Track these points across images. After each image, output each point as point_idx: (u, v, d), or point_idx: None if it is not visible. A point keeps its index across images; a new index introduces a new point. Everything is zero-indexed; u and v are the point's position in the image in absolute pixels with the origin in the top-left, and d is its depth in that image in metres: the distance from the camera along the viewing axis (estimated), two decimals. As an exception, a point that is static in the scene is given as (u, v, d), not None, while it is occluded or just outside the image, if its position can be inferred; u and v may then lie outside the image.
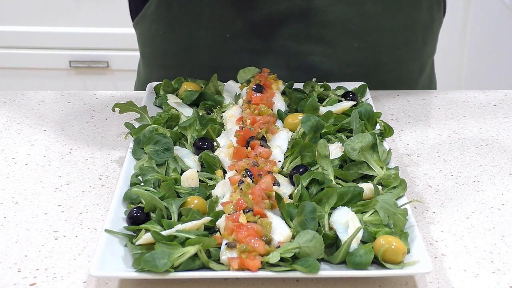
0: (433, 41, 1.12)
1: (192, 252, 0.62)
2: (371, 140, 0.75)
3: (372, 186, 0.72)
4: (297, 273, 0.61)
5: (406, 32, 1.05)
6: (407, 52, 1.06)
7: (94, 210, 0.75)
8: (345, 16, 1.00)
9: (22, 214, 0.75)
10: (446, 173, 0.82)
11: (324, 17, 0.99)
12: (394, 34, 1.04)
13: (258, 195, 0.67)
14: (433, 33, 1.11)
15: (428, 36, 1.09)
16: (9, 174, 0.82)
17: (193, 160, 0.78)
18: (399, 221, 0.67)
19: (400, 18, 1.03)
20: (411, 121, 0.95)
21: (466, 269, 0.66)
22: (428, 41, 1.10)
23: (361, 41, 1.02)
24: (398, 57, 1.05)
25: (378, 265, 0.63)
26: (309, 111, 0.85)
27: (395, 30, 1.04)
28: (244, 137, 0.78)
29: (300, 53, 1.01)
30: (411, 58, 1.08)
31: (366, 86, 0.95)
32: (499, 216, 0.74)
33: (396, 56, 1.05)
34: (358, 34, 1.01)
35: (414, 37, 1.07)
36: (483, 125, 0.94)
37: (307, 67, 1.02)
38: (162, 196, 0.71)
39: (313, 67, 1.01)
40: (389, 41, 1.04)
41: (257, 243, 0.62)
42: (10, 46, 2.33)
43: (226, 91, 0.94)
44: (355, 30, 1.01)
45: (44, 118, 0.96)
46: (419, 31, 1.07)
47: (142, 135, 0.81)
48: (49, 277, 0.65)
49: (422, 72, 1.11)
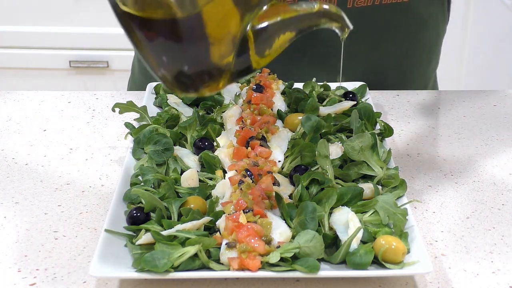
0: (437, 55, 1.12)
1: (192, 252, 0.62)
2: (371, 140, 0.75)
3: (372, 186, 0.72)
4: (297, 273, 0.61)
5: (412, 54, 1.05)
6: (412, 72, 1.07)
7: (94, 210, 0.75)
8: (350, 43, 0.99)
9: (22, 214, 0.75)
10: (446, 173, 0.82)
11: (328, 43, 0.99)
12: (400, 58, 1.04)
13: (258, 195, 0.67)
14: (438, 49, 1.11)
15: (433, 54, 1.10)
16: (9, 174, 0.82)
17: (193, 160, 0.78)
18: (399, 221, 0.67)
19: (407, 42, 1.04)
20: (411, 121, 0.95)
21: (466, 269, 0.66)
22: (433, 58, 1.10)
23: (366, 66, 1.02)
24: (403, 78, 1.05)
25: (378, 265, 0.63)
26: (309, 111, 0.85)
27: (402, 55, 1.04)
28: (244, 137, 0.78)
29: (300, 78, 0.99)
30: (416, 77, 1.08)
31: (366, 86, 0.95)
32: (499, 216, 0.74)
33: (401, 77, 1.05)
34: (363, 60, 1.01)
35: (420, 58, 1.07)
36: (483, 125, 0.94)
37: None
38: (162, 196, 0.71)
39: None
40: (394, 65, 1.04)
41: (257, 243, 0.62)
42: (10, 46, 2.33)
43: (226, 91, 0.94)
44: (361, 56, 1.01)
45: (44, 118, 0.96)
46: (424, 52, 1.07)
47: (142, 135, 0.81)
48: (49, 277, 0.65)
49: (426, 87, 1.11)
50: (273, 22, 0.61)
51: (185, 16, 0.57)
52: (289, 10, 0.61)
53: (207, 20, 0.58)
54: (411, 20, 1.02)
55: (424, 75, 1.10)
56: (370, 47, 1.02)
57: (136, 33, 0.59)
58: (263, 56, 0.62)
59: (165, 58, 0.60)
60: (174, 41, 0.59)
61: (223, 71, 0.61)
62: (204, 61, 0.60)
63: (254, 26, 0.60)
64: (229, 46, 0.59)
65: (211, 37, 0.59)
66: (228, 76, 0.61)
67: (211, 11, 0.57)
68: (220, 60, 0.60)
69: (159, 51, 0.60)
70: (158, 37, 0.59)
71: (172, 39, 0.59)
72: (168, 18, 0.57)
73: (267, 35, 0.61)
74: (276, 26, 0.61)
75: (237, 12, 0.59)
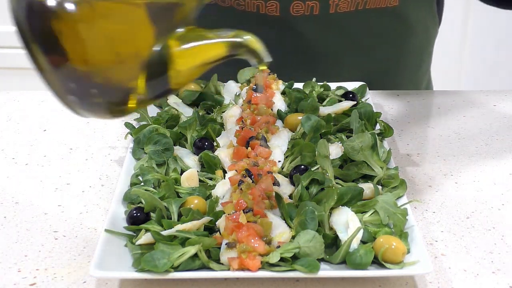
0: (428, 58, 1.11)
1: (192, 252, 0.62)
2: (371, 140, 0.75)
3: (372, 186, 0.72)
4: (297, 273, 0.61)
5: (400, 59, 1.04)
6: (401, 76, 1.06)
7: (94, 210, 0.75)
8: (337, 48, 0.99)
9: (22, 214, 0.75)
10: (446, 173, 0.82)
11: (316, 49, 0.98)
12: (388, 63, 1.04)
13: (258, 195, 0.67)
14: (428, 50, 1.10)
15: (423, 57, 1.09)
16: (9, 174, 0.82)
17: (193, 160, 0.78)
18: (399, 221, 0.67)
19: (393, 47, 1.03)
20: (411, 121, 0.95)
21: (466, 269, 0.66)
22: (423, 61, 1.10)
23: (352, 71, 1.01)
24: (391, 82, 1.04)
25: (378, 265, 0.63)
26: (309, 111, 0.85)
27: (390, 60, 1.03)
28: (244, 137, 0.78)
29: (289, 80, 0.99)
30: (406, 82, 1.07)
31: (366, 86, 0.95)
32: (499, 216, 0.74)
33: (390, 82, 1.04)
34: (350, 66, 1.01)
35: (409, 62, 1.06)
36: (483, 125, 0.94)
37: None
38: (162, 196, 0.71)
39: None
40: (382, 70, 1.03)
41: (257, 243, 0.62)
42: (10, 46, 2.33)
43: (226, 91, 0.94)
44: (347, 61, 1.01)
45: (44, 118, 0.96)
46: (414, 56, 1.06)
47: (142, 135, 0.81)
48: (49, 277, 0.65)
49: (417, 88, 1.10)
50: (191, 46, 0.56)
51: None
52: (205, 37, 0.57)
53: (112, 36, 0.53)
54: (398, 24, 1.01)
55: (414, 79, 1.09)
56: (356, 52, 1.01)
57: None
58: (182, 77, 0.58)
59: (73, 84, 0.55)
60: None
61: (128, 93, 0.56)
62: (104, 82, 0.55)
63: (172, 47, 0.56)
64: (137, 66, 0.55)
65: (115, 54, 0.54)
66: (140, 98, 0.57)
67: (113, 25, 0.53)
68: (125, 82, 0.55)
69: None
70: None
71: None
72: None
73: (186, 57, 0.57)
74: (195, 50, 0.57)
75: (151, 30, 0.55)
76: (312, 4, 0.93)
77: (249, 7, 0.93)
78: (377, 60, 1.03)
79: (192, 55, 0.57)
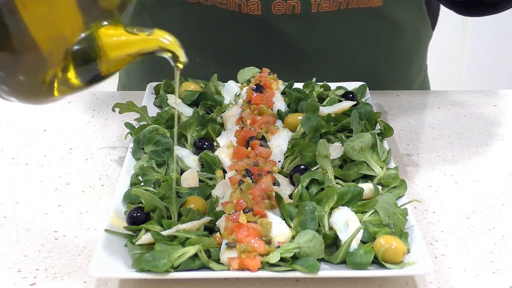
0: (421, 58, 1.10)
1: (192, 252, 0.62)
2: (371, 140, 0.75)
3: (372, 186, 0.72)
4: (297, 273, 0.61)
5: (387, 59, 1.03)
6: (389, 77, 1.05)
7: (94, 210, 0.75)
8: (320, 47, 0.99)
9: (22, 214, 0.75)
10: (446, 173, 0.82)
11: (299, 49, 0.98)
12: (374, 63, 1.03)
13: (258, 195, 0.67)
14: (421, 51, 1.09)
15: (415, 57, 1.08)
16: (9, 174, 0.82)
17: (193, 160, 0.78)
18: (399, 221, 0.67)
19: (379, 47, 1.02)
20: (411, 121, 0.95)
21: (466, 269, 0.66)
22: (414, 61, 1.09)
23: (337, 71, 1.00)
24: (378, 83, 1.02)
25: (378, 265, 0.63)
26: (309, 111, 0.85)
27: (374, 59, 1.02)
28: (244, 137, 0.78)
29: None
30: (394, 81, 1.06)
31: (366, 86, 0.95)
32: (499, 216, 0.74)
33: (376, 82, 1.02)
34: (334, 65, 1.00)
35: (398, 63, 1.05)
36: (483, 125, 0.94)
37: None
38: (162, 196, 0.71)
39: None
40: (367, 70, 1.02)
41: (257, 243, 0.62)
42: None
43: (226, 91, 0.94)
44: (330, 61, 1.00)
45: (44, 118, 0.96)
46: (402, 56, 1.05)
47: (142, 135, 0.81)
48: (49, 277, 0.65)
49: (409, 89, 1.09)
50: (118, 38, 0.58)
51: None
52: (125, 34, 0.58)
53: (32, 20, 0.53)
54: (383, 25, 0.99)
55: (405, 80, 1.08)
56: (340, 52, 1.00)
57: None
58: (111, 65, 0.59)
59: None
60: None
61: (54, 77, 0.56)
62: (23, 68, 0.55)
63: (101, 37, 0.57)
64: (63, 51, 0.55)
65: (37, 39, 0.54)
66: (70, 83, 0.57)
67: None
68: (52, 65, 0.56)
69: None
70: None
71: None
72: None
73: (114, 48, 0.58)
74: (121, 42, 0.58)
75: (80, 17, 0.55)
76: (294, 3, 0.93)
77: (231, 6, 0.93)
78: (362, 60, 1.02)
79: (119, 46, 0.58)
